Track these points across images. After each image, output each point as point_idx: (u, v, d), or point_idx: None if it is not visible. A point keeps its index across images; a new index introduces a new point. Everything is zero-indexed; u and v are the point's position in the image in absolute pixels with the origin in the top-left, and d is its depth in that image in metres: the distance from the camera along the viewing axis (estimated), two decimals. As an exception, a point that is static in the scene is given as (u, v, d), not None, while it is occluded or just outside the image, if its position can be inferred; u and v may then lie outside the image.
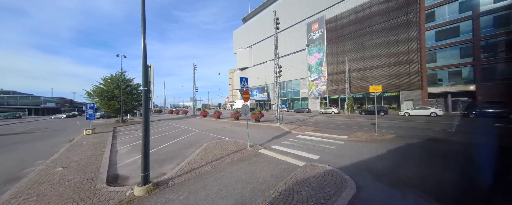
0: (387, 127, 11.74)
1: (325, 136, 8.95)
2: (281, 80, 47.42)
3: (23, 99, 63.80)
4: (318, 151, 6.45)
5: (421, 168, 4.73)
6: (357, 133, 9.24)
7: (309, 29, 38.89)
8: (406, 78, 25.36)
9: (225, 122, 19.04)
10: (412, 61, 24.70)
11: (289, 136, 9.54)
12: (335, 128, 11.81)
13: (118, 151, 7.37)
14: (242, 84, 6.71)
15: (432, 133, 9.60)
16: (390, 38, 26.53)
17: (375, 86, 8.53)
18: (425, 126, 12.29)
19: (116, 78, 19.15)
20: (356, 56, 30.57)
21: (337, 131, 10.22)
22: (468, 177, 4.29)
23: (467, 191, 3.62)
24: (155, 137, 10.66)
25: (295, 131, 10.52)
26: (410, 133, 9.62)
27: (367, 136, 8.29)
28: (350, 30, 31.42)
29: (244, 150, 6.54)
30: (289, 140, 8.50)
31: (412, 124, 13.53)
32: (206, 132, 11.82)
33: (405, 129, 10.92)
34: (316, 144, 7.54)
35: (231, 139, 9.18)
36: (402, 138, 8.14)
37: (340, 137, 8.44)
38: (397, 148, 6.65)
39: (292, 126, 12.90)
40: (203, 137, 10.02)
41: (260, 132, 11.05)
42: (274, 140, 8.66)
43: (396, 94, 26.87)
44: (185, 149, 7.25)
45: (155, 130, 13.69)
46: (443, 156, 5.71)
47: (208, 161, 5.37)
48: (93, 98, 18.77)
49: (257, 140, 8.79)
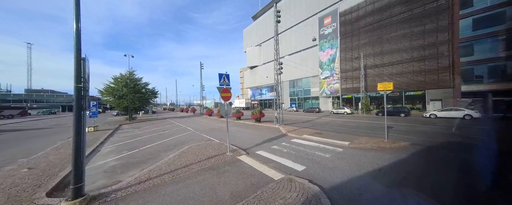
0: (404, 132, 10.00)
1: (324, 140, 7.79)
2: (291, 79, 45.95)
3: (59, 97, 71.94)
4: (308, 160, 5.43)
5: (438, 193, 3.49)
6: (362, 138, 7.88)
7: (321, 23, 36.52)
8: (433, 75, 22.12)
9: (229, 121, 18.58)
10: (441, 55, 21.41)
11: (283, 139, 8.57)
12: (339, 131, 10.45)
13: (100, 151, 7.24)
14: (221, 82, 5.97)
15: (463, 140, 7.78)
16: (414, 29, 23.37)
17: (384, 84, 7.10)
18: (455, 131, 10.23)
19: (125, 78, 19.95)
20: (373, 51, 27.71)
21: (341, 135, 8.93)
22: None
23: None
24: (147, 136, 10.53)
25: (292, 134, 9.48)
26: (432, 139, 7.92)
27: (373, 143, 6.94)
28: (366, 22, 28.58)
29: (223, 155, 5.81)
30: (281, 144, 7.55)
31: (437, 128, 11.43)
32: (200, 132, 11.39)
33: (427, 135, 9.13)
34: (309, 150, 6.49)
35: (219, 141, 8.55)
36: (420, 147, 6.62)
37: (341, 143, 7.22)
38: (409, 160, 5.30)
39: (292, 127, 11.82)
40: (192, 138, 9.56)
41: (254, 134, 10.24)
42: (265, 143, 7.79)
43: (420, 94, 23.69)
44: (164, 152, 6.80)
45: (154, 129, 13.74)
46: (472, 173, 4.28)
47: (175, 168, 4.77)
48: (105, 97, 19.83)
49: (246, 143, 8.02)
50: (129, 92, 19.27)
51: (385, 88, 7.11)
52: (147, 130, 13.48)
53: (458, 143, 7.43)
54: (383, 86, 7.09)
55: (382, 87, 7.13)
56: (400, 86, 24.99)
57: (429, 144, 7.18)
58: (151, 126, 16.09)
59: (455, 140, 7.93)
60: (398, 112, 20.89)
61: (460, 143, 7.39)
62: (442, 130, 10.68)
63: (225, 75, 6.04)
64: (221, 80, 5.94)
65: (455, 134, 9.53)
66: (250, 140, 8.65)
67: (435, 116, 17.85)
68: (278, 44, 13.10)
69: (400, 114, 20.35)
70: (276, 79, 13.07)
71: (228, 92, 6.03)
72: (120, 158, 6.15)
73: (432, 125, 12.90)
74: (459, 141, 7.77)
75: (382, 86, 7.11)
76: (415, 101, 25.42)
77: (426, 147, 6.61)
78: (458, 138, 8.52)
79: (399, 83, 25.03)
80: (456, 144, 7.29)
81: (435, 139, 8.18)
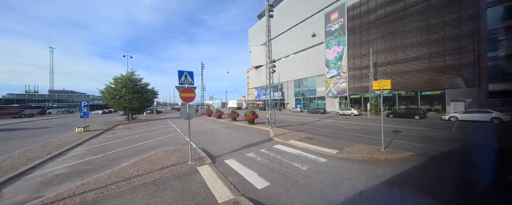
0: (413, 138, 8.52)
1: (310, 147, 6.72)
2: (296, 78, 44.38)
3: (77, 97, 77.10)
4: (278, 174, 4.48)
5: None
6: (356, 146, 6.67)
7: (327, 19, 34.60)
8: (454, 72, 19.57)
9: (223, 122, 17.96)
10: (464, 49, 18.85)
11: (266, 144, 7.63)
12: (335, 137, 9.23)
13: (66, 154, 6.88)
14: (182, 80, 5.20)
15: (486, 152, 6.25)
16: (431, 21, 20.91)
17: (381, 82, 5.84)
18: (478, 138, 8.53)
19: (125, 78, 20.20)
20: (384, 46, 25.43)
21: (334, 141, 7.75)
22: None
23: None
24: (129, 138, 10.16)
25: (279, 138, 8.48)
26: (445, 150, 6.49)
27: (367, 152, 5.75)
28: (377, 16, 26.34)
29: (181, 165, 5.06)
30: (260, 151, 6.63)
31: (457, 133, 9.69)
32: (185, 135, 10.81)
33: (440, 142, 7.61)
34: (286, 160, 5.50)
35: (196, 146, 7.85)
36: (424, 160, 5.32)
37: (328, 151, 6.12)
38: (404, 180, 4.11)
39: (283, 130, 10.79)
40: (171, 141, 8.97)
41: (238, 138, 9.40)
42: (243, 149, 6.92)
43: (439, 93, 21.17)
44: (127, 158, 6.22)
45: (143, 130, 13.48)
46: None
47: (113, 181, 4.10)
48: (105, 97, 20.26)
49: (223, 148, 7.22)
50: (127, 92, 19.46)
51: (381, 88, 5.87)
52: (137, 131, 13.26)
53: (479, 156, 5.94)
54: (379, 85, 5.86)
55: (378, 86, 5.90)
56: (415, 85, 22.59)
57: (439, 156, 5.81)
58: (145, 126, 15.94)
59: (476, 151, 6.42)
60: (411, 113, 18.78)
61: (482, 156, 5.89)
62: (461, 136, 8.98)
63: (187, 73, 5.27)
64: (181, 78, 5.18)
65: (477, 142, 7.88)
66: (230, 144, 7.82)
67: (456, 118, 15.64)
68: (269, 37, 12.11)
69: (414, 116, 18.26)
70: (267, 78, 12.10)
71: (190, 92, 5.24)
72: (75, 165, 5.67)
73: (450, 130, 11.07)
74: (480, 152, 6.25)
75: (378, 85, 5.88)
76: (433, 102, 22.83)
77: (433, 161, 5.28)
78: (480, 148, 6.94)
79: (413, 82, 22.64)
80: (477, 158, 5.82)
81: (450, 148, 6.71)
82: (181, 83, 5.20)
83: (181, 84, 5.24)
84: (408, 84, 23.17)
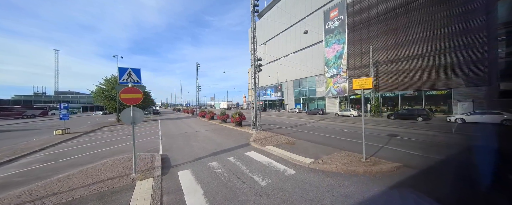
0: (408, 143, 7.49)
1: (285, 155, 5.87)
2: (296, 78, 43.30)
3: (82, 98, 78.61)
4: (227, 191, 3.66)
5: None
6: (337, 154, 5.76)
7: (326, 17, 33.47)
8: (462, 70, 18.15)
9: (212, 124, 17.29)
10: (472, 45, 17.42)
11: (239, 151, 6.83)
12: (320, 141, 8.31)
13: (18, 161, 6.32)
14: (124, 79, 4.48)
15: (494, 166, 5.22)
16: (436, 15, 19.53)
17: (362, 80, 4.92)
18: (485, 144, 7.42)
19: (115, 79, 19.88)
20: (386, 43, 24.12)
21: (316, 147, 6.87)
22: None
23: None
24: (103, 141, 9.58)
25: (257, 143, 7.65)
26: (443, 157, 5.49)
27: (345, 162, 4.85)
28: (378, 12, 25.06)
29: (121, 178, 4.32)
30: (227, 159, 5.83)
31: (461, 138, 8.56)
32: (161, 138, 10.14)
33: (439, 149, 6.58)
34: (250, 171, 4.69)
35: (163, 152, 7.15)
36: (411, 174, 4.38)
37: (302, 160, 5.25)
38: (377, 203, 3.21)
39: (267, 134, 9.94)
40: (141, 146, 8.32)
41: (215, 142, 8.63)
42: (210, 157, 6.14)
43: (445, 93, 19.73)
44: (75, 167, 5.54)
45: (123, 132, 12.93)
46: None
47: (20, 202, 3.42)
48: (96, 98, 20.02)
49: (190, 155, 6.46)
50: (118, 93, 19.09)
51: (361, 87, 4.96)
52: (118, 133, 12.73)
53: (485, 169, 4.92)
54: (360, 83, 4.94)
55: (358, 84, 4.98)
56: (419, 84, 21.20)
57: (432, 168, 4.84)
58: (130, 129, 15.45)
59: (480, 164, 5.39)
60: (414, 115, 17.51)
61: (487, 169, 4.87)
62: (466, 142, 7.87)
63: (131, 70, 4.54)
64: (123, 76, 4.45)
65: (484, 149, 6.78)
66: (200, 150, 7.07)
67: (463, 120, 14.33)
68: (255, 32, 11.31)
69: (417, 118, 16.99)
70: (253, 76, 11.29)
71: (134, 93, 4.50)
72: (9, 176, 5.02)
73: (455, 133, 9.90)
74: (487, 167, 5.23)
75: (359, 83, 4.96)
76: (438, 103, 21.37)
77: (423, 176, 4.33)
78: (487, 156, 5.88)
79: (417, 81, 21.27)
80: (481, 172, 4.81)
81: (450, 158, 5.69)
82: (123, 82, 4.48)
83: (123, 83, 4.52)
84: (412, 83, 21.80)
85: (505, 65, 16.03)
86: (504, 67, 16.08)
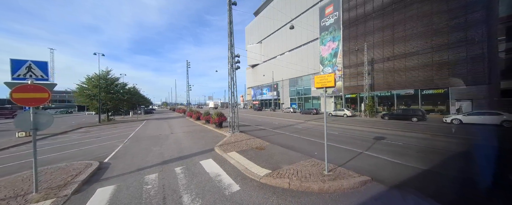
0: (392, 148, 6.61)
1: (242, 164, 5.03)
2: (291, 77, 42.29)
3: (79, 98, 78.55)
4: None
5: None
6: (301, 163, 4.90)
7: (321, 14, 32.44)
8: (460, 68, 17.17)
9: (195, 124, 16.49)
10: (472, 41, 16.41)
11: (195, 159, 6.00)
12: (294, 146, 7.47)
13: None
14: (21, 74, 3.62)
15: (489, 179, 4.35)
16: (435, 8, 18.49)
17: (323, 77, 4.05)
18: (484, 149, 6.52)
19: (97, 77, 19.12)
20: (382, 40, 23.13)
21: (285, 154, 6.02)
22: None
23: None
24: (59, 146, 8.81)
25: (221, 149, 6.79)
26: (427, 167, 4.62)
27: (304, 174, 4.00)
28: (374, 7, 24.06)
29: (9, 201, 3.50)
30: (174, 169, 5.00)
31: (455, 142, 7.66)
32: (131, 142, 9.35)
33: (426, 157, 5.69)
34: (185, 189, 3.83)
35: (112, 160, 6.36)
36: (382, 189, 3.52)
37: (256, 172, 4.40)
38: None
39: (242, 136, 9.10)
40: (97, 151, 7.52)
41: (180, 147, 7.80)
42: (156, 166, 5.31)
43: (442, 92, 18.74)
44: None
45: (96, 134, 12.15)
46: None
47: None
48: (77, 97, 19.29)
49: (139, 163, 5.63)
50: (99, 92, 18.36)
51: (323, 85, 4.09)
52: (90, 135, 11.97)
53: (474, 183, 4.03)
54: (322, 81, 4.08)
55: (320, 82, 4.12)
56: (415, 83, 20.24)
57: (407, 183, 3.96)
58: (106, 130, 14.68)
59: (473, 177, 4.53)
60: (409, 115, 16.57)
61: (480, 185, 3.98)
62: (459, 147, 6.96)
63: (32, 63, 3.68)
64: (20, 70, 3.58)
65: (485, 157, 5.89)
66: (154, 158, 6.23)
67: (460, 121, 13.41)
68: (231, 24, 10.42)
69: (412, 118, 16.07)
70: (230, 73, 10.41)
71: (36, 92, 3.63)
72: None
73: (451, 136, 9.00)
74: (482, 181, 4.35)
75: (320, 81, 4.10)
76: (436, 102, 20.40)
77: (391, 196, 3.46)
78: (488, 168, 5.00)
79: (414, 79, 20.31)
80: (472, 189, 3.94)
81: (434, 167, 4.80)
82: (16, 78, 3.61)
83: (19, 80, 3.66)
84: (408, 82, 20.84)
85: (507, 63, 15.01)
86: (505, 65, 15.07)
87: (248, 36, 61.76)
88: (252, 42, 57.66)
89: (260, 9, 54.81)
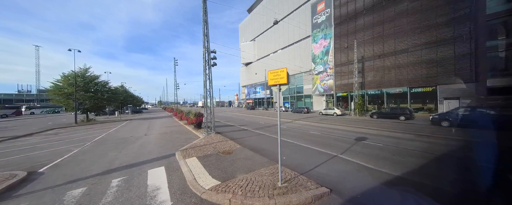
0: (371, 150, 6.07)
1: (194, 173, 4.38)
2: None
3: (67, 97, 75.73)
4: None
5: None
6: (257, 172, 4.28)
7: (313, 11, 31.85)
8: (448, 66, 16.93)
9: (177, 125, 15.72)
10: (459, 38, 16.15)
11: (145, 166, 5.31)
12: (267, 149, 6.87)
13: None
14: None
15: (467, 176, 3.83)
16: (424, 5, 18.13)
17: (276, 72, 3.44)
18: (463, 151, 6.06)
19: (73, 75, 17.97)
20: (372, 37, 22.75)
21: (252, 158, 5.39)
22: None
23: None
24: (10, 150, 7.96)
25: (182, 154, 6.10)
26: (399, 174, 4.08)
27: (253, 187, 3.39)
28: (365, 3, 23.60)
29: None
30: (110, 181, 4.32)
31: (437, 143, 7.21)
32: (95, 145, 8.55)
33: (402, 159, 5.16)
34: (119, 198, 3.19)
35: (50, 169, 5.60)
36: (340, 202, 2.95)
37: (203, 183, 3.75)
38: None
39: (215, 138, 8.44)
40: (37, 158, 6.72)
41: (138, 153, 7.07)
42: (89, 179, 4.61)
43: (431, 90, 18.52)
44: None
45: (57, 137, 11.25)
46: None
47: None
48: (51, 96, 18.16)
49: (77, 174, 4.93)
50: (75, 91, 17.27)
51: (277, 82, 3.48)
52: (55, 137, 11.06)
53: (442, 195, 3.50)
54: (275, 77, 3.46)
55: (273, 79, 3.50)
56: (405, 81, 19.98)
57: (373, 194, 3.40)
58: (80, 131, 13.74)
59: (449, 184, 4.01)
60: (397, 114, 16.26)
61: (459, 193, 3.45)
62: (441, 147, 6.50)
63: None
64: None
65: (462, 160, 5.42)
66: (101, 166, 5.50)
67: (446, 120, 13.07)
68: (206, 16, 9.65)
69: (400, 117, 15.75)
70: (205, 69, 9.67)
71: None
72: None
73: (432, 136, 8.58)
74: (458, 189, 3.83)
75: (274, 77, 3.48)
76: (425, 100, 20.23)
77: None
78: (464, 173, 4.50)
79: (404, 77, 20.03)
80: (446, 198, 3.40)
81: (407, 172, 4.25)
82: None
83: None
84: (397, 80, 20.56)
85: (493, 60, 14.78)
86: (492, 63, 14.85)
87: (241, 33, 60.70)
88: (246, 40, 56.69)
89: (253, 6, 53.77)
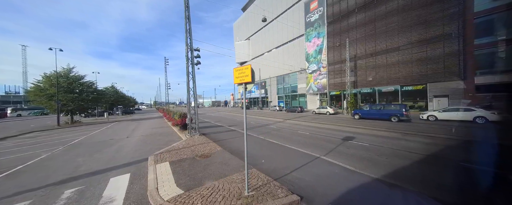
0: (356, 151, 5.83)
1: (159, 181, 4.03)
2: (278, 75, 41.36)
3: (57, 98, 73.36)
4: None
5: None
6: (228, 179, 3.94)
7: (307, 9, 31.67)
8: (437, 64, 17.01)
9: (165, 126, 15.22)
10: (448, 36, 16.22)
11: (111, 173, 4.91)
12: (250, 152, 6.56)
13: None
14: None
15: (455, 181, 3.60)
16: (415, 2, 18.13)
17: (241, 69, 3.13)
18: (452, 149, 5.89)
19: (56, 75, 17.15)
20: (365, 36, 22.71)
21: (228, 163, 5.08)
22: None
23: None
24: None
25: (154, 159, 5.71)
26: (378, 177, 3.83)
27: (216, 197, 3.07)
28: (357, 1, 23.51)
29: None
30: (61, 193, 3.92)
31: (424, 142, 7.06)
32: (69, 149, 8.04)
33: (386, 160, 4.93)
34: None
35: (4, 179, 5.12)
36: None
37: (164, 193, 3.40)
38: None
39: (196, 140, 8.06)
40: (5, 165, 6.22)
41: (111, 157, 6.65)
42: (39, 190, 4.20)
43: (421, 88, 18.61)
44: None
45: (43, 139, 10.65)
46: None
47: None
48: (32, 98, 17.31)
49: (35, 183, 4.49)
50: (57, 92, 16.49)
51: (242, 80, 3.16)
52: (30, 141, 10.42)
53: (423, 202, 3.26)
54: (240, 75, 3.14)
55: (238, 77, 3.17)
56: (396, 79, 20.03)
57: (349, 201, 3.12)
58: (60, 134, 13.08)
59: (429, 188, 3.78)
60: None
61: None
62: (426, 146, 6.33)
63: None
64: None
65: (449, 158, 5.23)
66: (61, 174, 5.08)
67: (435, 118, 13.13)
68: (188, 15, 9.23)
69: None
70: (189, 71, 9.26)
71: None
72: None
73: (420, 134, 8.45)
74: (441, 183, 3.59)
75: (239, 75, 3.16)
76: (415, 98, 20.33)
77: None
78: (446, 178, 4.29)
79: (395, 75, 20.07)
80: None
81: (388, 175, 4.01)
82: None
83: None
84: (389, 78, 20.61)
85: (481, 58, 14.90)
86: (480, 60, 14.96)
87: (236, 32, 60.08)
88: (240, 39, 56.13)
89: (247, 4, 53.23)
